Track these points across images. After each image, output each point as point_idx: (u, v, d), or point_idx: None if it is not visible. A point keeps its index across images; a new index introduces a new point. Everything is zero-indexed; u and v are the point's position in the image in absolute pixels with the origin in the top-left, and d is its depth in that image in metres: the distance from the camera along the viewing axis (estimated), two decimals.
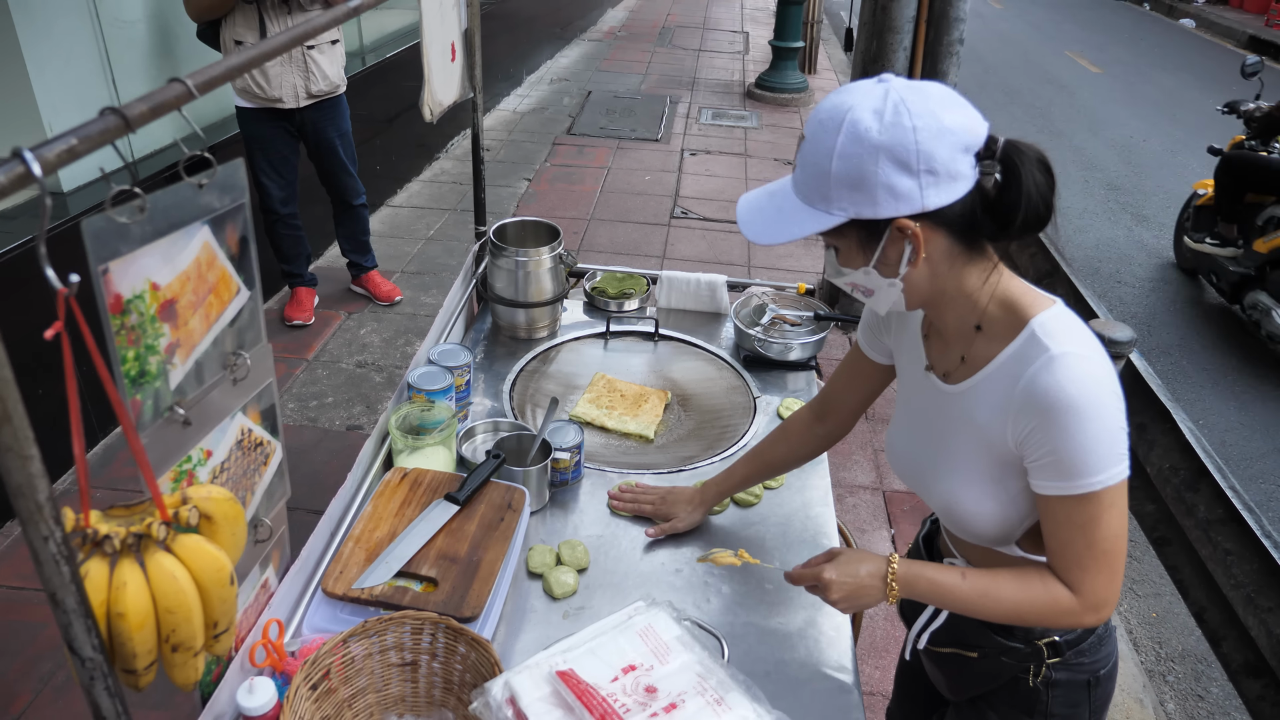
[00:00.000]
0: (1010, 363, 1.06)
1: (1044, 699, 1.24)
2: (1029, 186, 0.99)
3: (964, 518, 1.17)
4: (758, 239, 1.08)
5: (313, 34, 1.12)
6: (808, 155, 1.03)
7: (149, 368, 0.85)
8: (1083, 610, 1.08)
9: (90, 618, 0.75)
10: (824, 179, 1.01)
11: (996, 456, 1.10)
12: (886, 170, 0.97)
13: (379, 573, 1.29)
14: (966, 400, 1.13)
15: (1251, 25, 11.93)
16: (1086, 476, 1.01)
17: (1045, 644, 1.21)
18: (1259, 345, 4.43)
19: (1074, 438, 1.00)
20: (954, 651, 1.30)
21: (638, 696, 1.02)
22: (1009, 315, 1.07)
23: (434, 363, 1.74)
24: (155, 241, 0.84)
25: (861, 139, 0.97)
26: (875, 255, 1.05)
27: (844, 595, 1.18)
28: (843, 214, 1.01)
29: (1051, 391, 1.00)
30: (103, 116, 0.78)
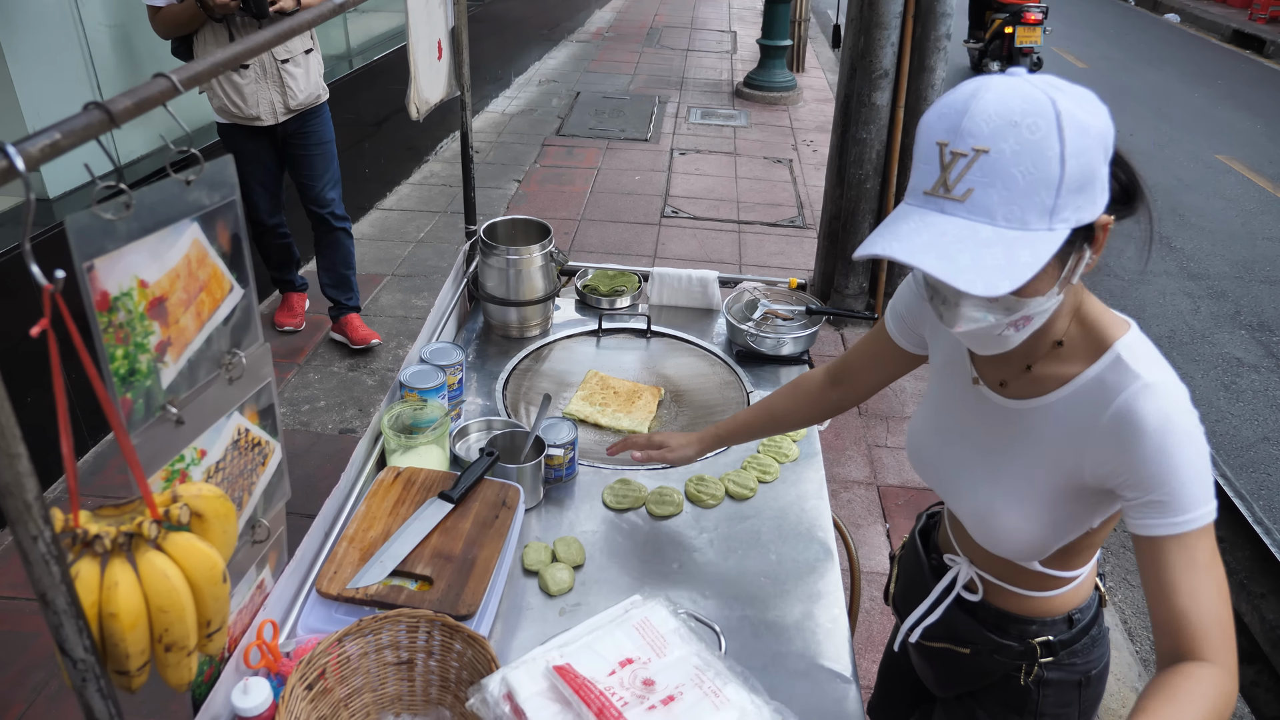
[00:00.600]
0: (1092, 387, 0.98)
1: (1035, 698, 1.23)
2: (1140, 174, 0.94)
3: (996, 531, 1.12)
4: (989, 291, 0.82)
5: (300, 30, 1.11)
6: (1008, 169, 0.83)
7: (139, 366, 0.84)
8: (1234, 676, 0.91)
9: (81, 618, 0.74)
10: (1050, 188, 0.83)
11: (1059, 480, 1.04)
12: (1101, 161, 0.86)
13: (374, 572, 1.28)
14: (1032, 418, 1.05)
15: (1235, 19, 12.02)
16: (1201, 507, 0.92)
17: (1039, 643, 1.20)
18: (1247, 338, 4.47)
19: (1186, 467, 0.91)
20: (946, 647, 1.29)
21: (635, 690, 1.02)
22: (1089, 336, 1.00)
23: (426, 361, 1.73)
24: (142, 239, 0.84)
25: (1087, 130, 0.84)
26: (1067, 269, 0.92)
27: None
28: (1065, 225, 0.85)
29: (1156, 420, 0.92)
30: (87, 111, 0.77)
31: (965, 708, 1.32)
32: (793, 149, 6.63)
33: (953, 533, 1.30)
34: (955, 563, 1.28)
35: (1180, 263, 5.29)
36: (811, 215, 5.44)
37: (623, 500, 1.61)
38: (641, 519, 1.59)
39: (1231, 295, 4.92)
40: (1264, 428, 3.79)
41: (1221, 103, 8.69)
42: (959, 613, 1.26)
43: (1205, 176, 6.68)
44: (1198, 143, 7.43)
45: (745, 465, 1.72)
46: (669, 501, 1.61)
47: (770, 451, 1.76)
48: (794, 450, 1.77)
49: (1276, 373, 4.21)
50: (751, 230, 5.23)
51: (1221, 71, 10.07)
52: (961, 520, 1.20)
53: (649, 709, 0.99)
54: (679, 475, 1.69)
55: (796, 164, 6.32)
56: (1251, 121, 8.13)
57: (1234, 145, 7.42)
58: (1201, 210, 6.06)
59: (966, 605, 1.27)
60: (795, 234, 5.22)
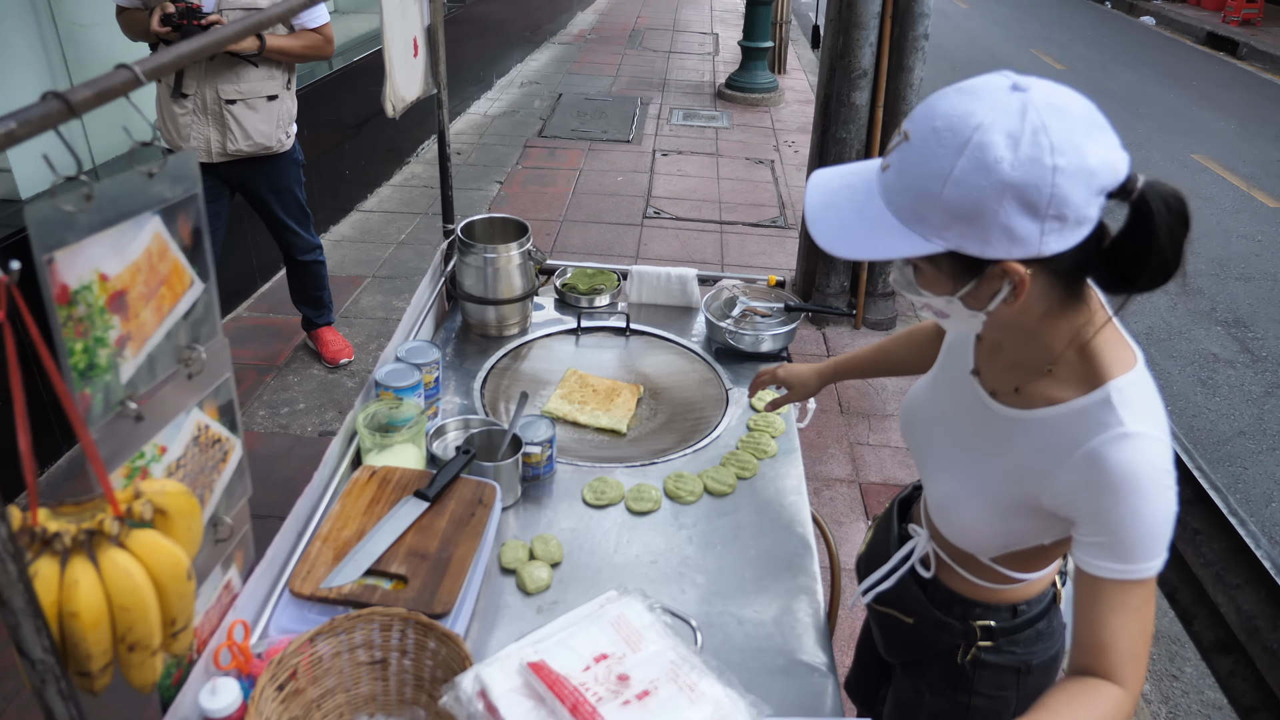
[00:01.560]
0: (1074, 419, 0.97)
1: (970, 677, 1.25)
2: (1161, 238, 0.86)
3: (954, 521, 1.16)
4: (833, 248, 0.91)
5: (267, 24, 1.10)
6: (912, 167, 0.87)
7: (98, 360, 0.82)
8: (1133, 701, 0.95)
9: (40, 618, 0.73)
10: (929, 202, 0.85)
11: (1018, 496, 1.05)
12: (1009, 211, 0.82)
13: (347, 571, 1.27)
14: (1011, 431, 1.05)
15: (1209, 22, 12.17)
16: (1147, 560, 0.93)
17: (979, 626, 1.22)
18: (1222, 334, 4.52)
19: (1140, 522, 0.91)
20: (892, 613, 1.33)
21: (610, 685, 1.01)
22: (1086, 367, 0.98)
23: (402, 360, 1.72)
24: (103, 231, 0.82)
25: (989, 170, 0.82)
26: (966, 289, 0.92)
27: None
28: (942, 244, 0.87)
29: (1122, 472, 0.91)
30: (44, 101, 0.76)
31: (911, 679, 1.36)
32: (774, 150, 6.65)
33: (925, 515, 1.32)
34: (917, 535, 1.31)
35: None
36: (793, 215, 5.46)
37: (601, 497, 1.60)
38: (620, 516, 1.58)
39: (1208, 292, 4.98)
40: (1239, 422, 3.84)
41: (1196, 103, 8.81)
42: (911, 584, 1.29)
43: (1181, 176, 6.76)
44: (1174, 143, 7.52)
45: (724, 462, 1.72)
46: (647, 498, 1.60)
47: (749, 448, 1.76)
48: (773, 446, 1.77)
49: (1252, 368, 4.26)
50: (734, 230, 5.24)
51: (1196, 73, 10.20)
52: (927, 501, 1.24)
53: (624, 704, 0.98)
54: (658, 473, 1.69)
55: (778, 164, 6.33)
56: (1226, 122, 8.24)
57: (1209, 145, 7.51)
58: None
59: (919, 579, 1.29)
60: (777, 234, 5.23)
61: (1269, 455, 3.62)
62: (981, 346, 1.14)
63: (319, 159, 4.77)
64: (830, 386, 3.73)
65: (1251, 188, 6.60)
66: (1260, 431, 3.78)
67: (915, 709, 1.35)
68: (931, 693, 1.31)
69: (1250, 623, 1.96)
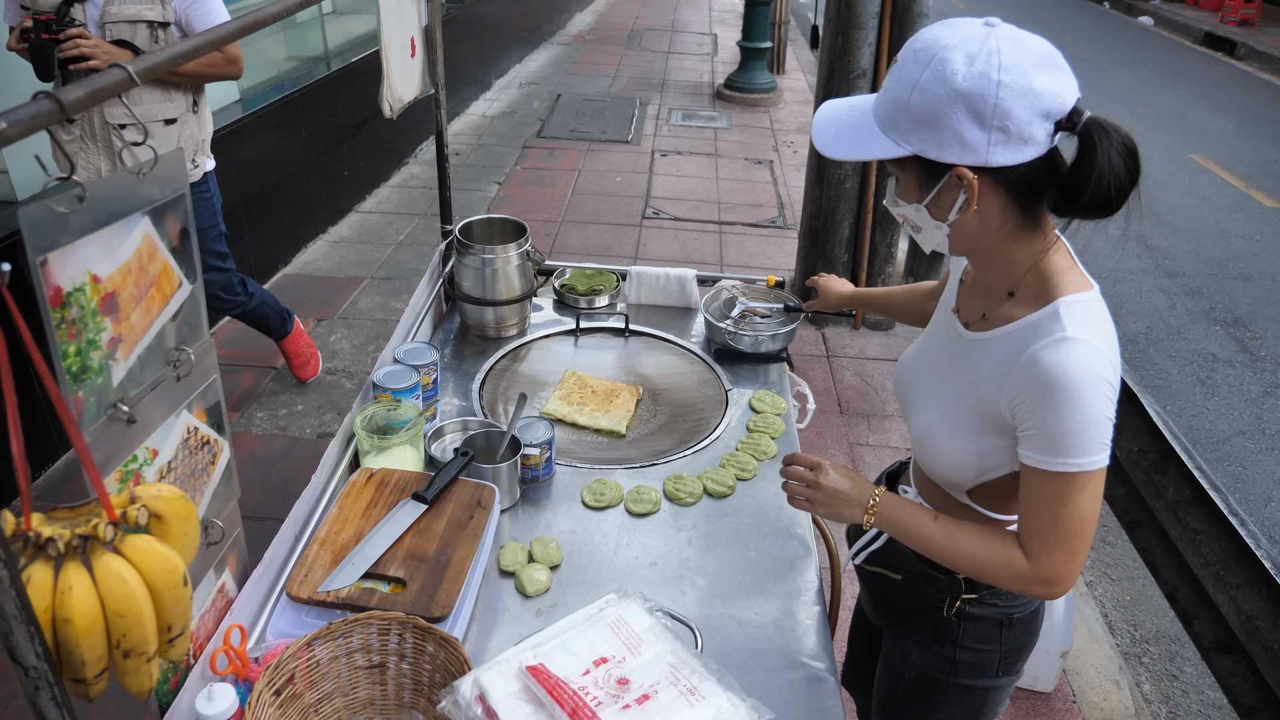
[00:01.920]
0: (1025, 330, 1.08)
1: (955, 629, 1.30)
2: (1102, 166, 0.97)
3: (932, 451, 1.23)
4: (826, 150, 1.09)
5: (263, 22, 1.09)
6: (893, 81, 1.03)
7: (91, 363, 0.82)
8: (1033, 579, 1.09)
9: (33, 624, 0.72)
10: (900, 108, 1.02)
11: (982, 411, 1.13)
12: (960, 117, 0.97)
13: (345, 574, 1.26)
14: (975, 351, 1.16)
15: (1207, 22, 12.18)
16: (1066, 456, 1.03)
17: (963, 578, 1.27)
18: (1221, 334, 4.52)
19: (1063, 418, 1.01)
20: (881, 572, 1.38)
21: (610, 689, 1.00)
22: (1042, 287, 1.09)
23: (400, 361, 1.71)
24: (95, 232, 0.82)
25: (946, 79, 0.97)
26: (930, 195, 1.06)
27: (827, 500, 1.22)
28: (908, 147, 1.02)
29: (1052, 370, 1.02)
30: (36, 101, 0.75)
31: (899, 640, 1.40)
32: (773, 150, 6.65)
33: (914, 463, 1.38)
34: (905, 492, 1.38)
35: (1156, 260, 5.34)
36: (792, 216, 5.45)
37: (601, 499, 1.60)
38: (620, 518, 1.58)
39: (1206, 292, 4.97)
40: (1239, 422, 3.83)
41: (1194, 103, 8.80)
42: (900, 544, 1.33)
43: (1179, 176, 6.76)
44: (1172, 142, 7.51)
45: (724, 463, 1.71)
46: (647, 500, 1.60)
47: (749, 449, 1.75)
48: (773, 448, 1.77)
49: (1250, 368, 4.26)
50: (733, 231, 5.23)
51: (1194, 73, 10.20)
52: (911, 441, 1.30)
53: (623, 708, 0.98)
54: (657, 474, 1.68)
55: (777, 165, 6.33)
56: (1224, 122, 8.24)
57: (1207, 145, 7.51)
58: (1176, 209, 6.13)
59: None
60: (776, 234, 5.22)
61: (1268, 455, 3.62)
62: (963, 287, 1.25)
63: (317, 160, 4.77)
64: (830, 388, 3.73)
65: (1250, 187, 6.60)
66: (1259, 431, 3.77)
67: (903, 667, 1.39)
68: (919, 649, 1.36)
69: (1251, 622, 1.95)
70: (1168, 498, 2.25)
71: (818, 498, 1.23)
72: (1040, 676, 2.41)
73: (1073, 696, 2.44)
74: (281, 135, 4.44)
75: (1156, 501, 2.31)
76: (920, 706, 1.38)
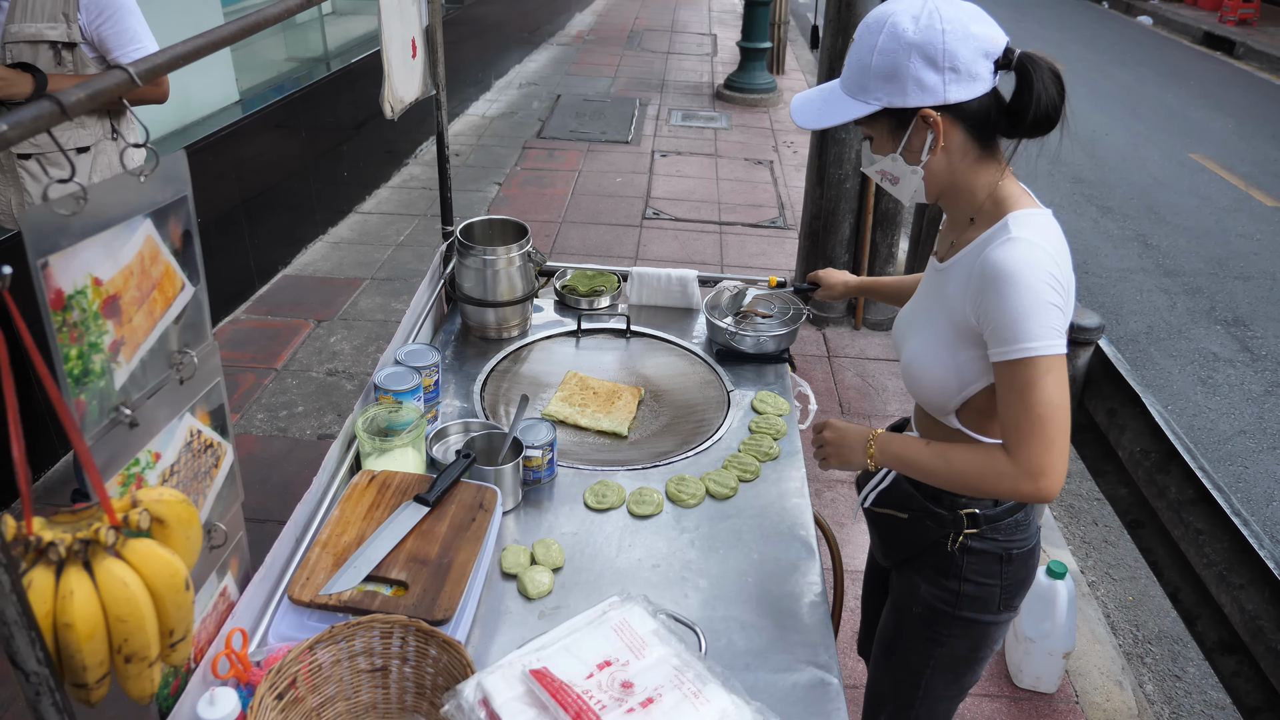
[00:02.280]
0: (981, 243, 1.21)
1: (959, 564, 1.39)
2: (1039, 91, 1.14)
3: (918, 375, 1.34)
4: (804, 123, 1.26)
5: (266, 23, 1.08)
6: (853, 53, 1.20)
7: (92, 366, 0.81)
8: (1019, 475, 1.17)
9: (34, 629, 0.72)
10: (865, 72, 1.18)
11: (954, 326, 1.25)
12: (917, 65, 1.14)
13: (347, 577, 1.25)
14: (945, 276, 1.29)
15: (1206, 22, 12.18)
16: (1020, 341, 1.14)
17: (965, 514, 1.36)
18: (1222, 333, 4.51)
19: (1010, 305, 1.13)
20: (889, 513, 1.47)
21: (614, 692, 1.00)
22: (996, 209, 1.22)
23: (401, 363, 1.70)
24: (97, 235, 0.81)
25: (899, 37, 1.14)
26: (902, 142, 1.21)
27: (834, 450, 1.38)
28: (877, 103, 1.18)
29: (996, 265, 1.15)
30: (36, 103, 0.74)
31: (906, 578, 1.48)
32: (773, 150, 6.64)
33: (914, 413, 1.49)
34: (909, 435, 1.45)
35: (1156, 259, 5.34)
36: (793, 216, 5.45)
37: (603, 501, 1.59)
38: (622, 519, 1.57)
39: (1207, 291, 4.97)
40: (1240, 421, 3.83)
41: (1194, 103, 8.81)
42: (904, 483, 1.44)
43: (1179, 175, 6.75)
44: (1171, 142, 7.51)
45: (726, 464, 1.71)
46: (649, 502, 1.59)
47: (751, 450, 1.75)
48: (775, 449, 1.76)
49: (1251, 367, 4.26)
50: (733, 231, 5.23)
51: (1193, 72, 10.20)
52: (902, 376, 1.41)
53: (628, 712, 0.97)
54: (659, 476, 1.68)
55: (777, 165, 6.33)
56: (1223, 121, 8.24)
57: (1207, 144, 7.51)
58: (1176, 208, 6.13)
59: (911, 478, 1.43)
60: (776, 235, 5.22)
61: (1269, 454, 3.62)
62: (940, 234, 1.39)
63: (317, 161, 4.76)
64: (831, 388, 3.72)
65: (1250, 187, 6.60)
66: (1260, 430, 3.77)
67: (911, 601, 1.47)
68: (926, 583, 1.44)
69: (1254, 623, 1.94)
70: (1170, 498, 2.24)
71: (827, 450, 1.39)
72: (1043, 677, 2.40)
73: (1076, 697, 2.44)
74: (281, 136, 4.44)
75: (1159, 502, 2.30)
76: (925, 640, 1.46)
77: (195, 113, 4.00)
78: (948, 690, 1.51)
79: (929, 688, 1.50)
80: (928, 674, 1.49)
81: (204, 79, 4.03)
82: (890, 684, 1.56)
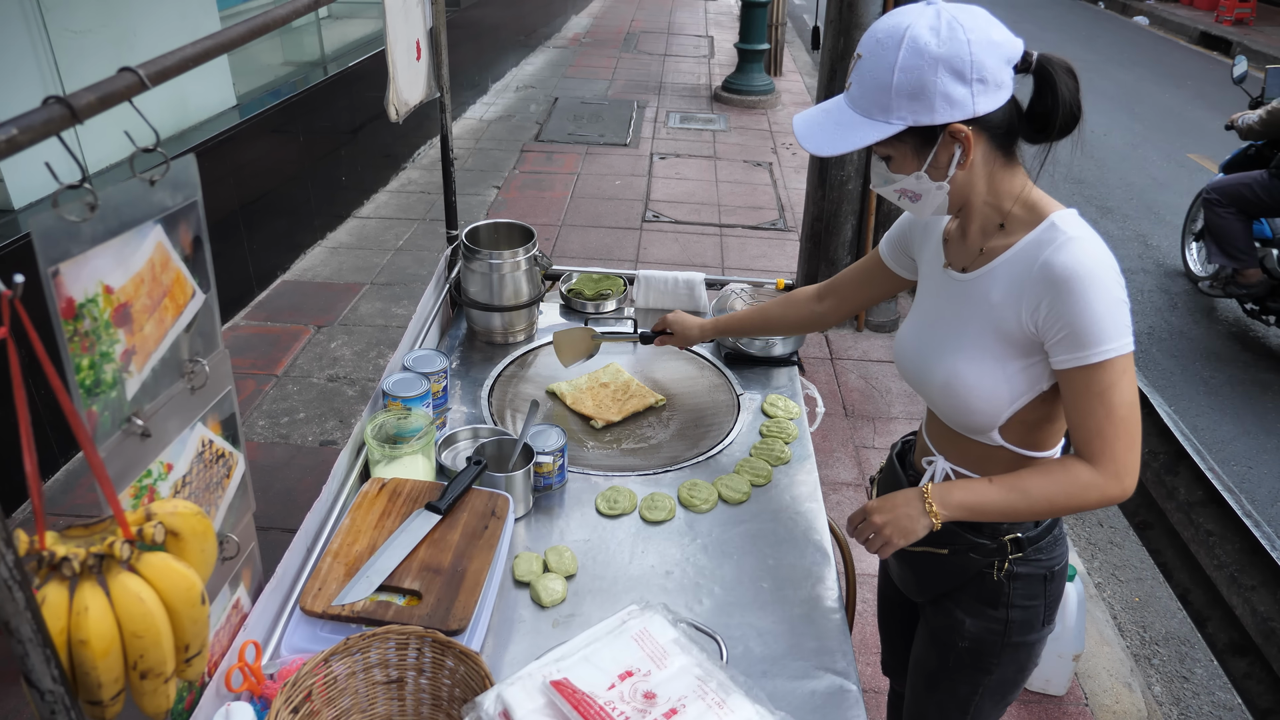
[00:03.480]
0: (1029, 247, 1.16)
1: (1007, 591, 1.34)
2: (1062, 91, 1.11)
3: (961, 394, 1.25)
4: (820, 151, 1.16)
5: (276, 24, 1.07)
6: (866, 72, 1.12)
7: (104, 376, 0.79)
8: (1107, 480, 1.14)
9: (49, 646, 0.70)
10: (884, 92, 1.10)
11: (1004, 334, 1.20)
12: (944, 79, 1.08)
13: (360, 588, 1.23)
14: (982, 284, 1.23)
15: (1202, 21, 12.21)
16: (1100, 344, 1.10)
17: (1009, 540, 1.31)
18: (1224, 333, 4.51)
19: (1089, 308, 1.09)
20: (926, 550, 1.37)
21: (636, 703, 0.98)
22: (1030, 213, 1.19)
23: (409, 369, 1.69)
24: (107, 242, 0.79)
25: (922, 52, 1.08)
26: (928, 160, 1.15)
27: (892, 527, 1.24)
28: (901, 123, 1.11)
29: (1066, 267, 1.10)
30: (46, 106, 0.73)
31: (944, 610, 1.41)
32: (772, 152, 6.64)
33: (929, 435, 1.41)
34: (933, 463, 1.38)
35: (1157, 260, 5.34)
36: (793, 218, 5.44)
37: (614, 507, 1.57)
38: (634, 525, 1.55)
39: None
40: (1243, 422, 3.82)
41: (1191, 103, 8.82)
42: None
43: (1178, 175, 6.76)
44: (1169, 142, 7.52)
45: (738, 469, 1.69)
46: (661, 507, 1.57)
47: (763, 454, 1.73)
48: (787, 452, 1.75)
49: (1254, 367, 4.25)
50: (733, 234, 5.22)
51: (1190, 72, 10.22)
52: (933, 400, 1.33)
53: None
54: (671, 481, 1.66)
55: (776, 167, 6.32)
56: (1220, 121, 8.24)
57: (1204, 144, 7.51)
58: (1176, 208, 6.12)
59: None
60: (777, 236, 5.21)
61: (1274, 456, 3.61)
62: (948, 245, 1.32)
63: (315, 166, 4.74)
64: (835, 390, 3.71)
65: None
66: (1264, 431, 3.77)
67: (955, 637, 1.40)
68: (971, 616, 1.37)
69: (1266, 624, 1.93)
70: (1179, 499, 2.23)
71: (884, 533, 1.25)
72: (1053, 680, 2.39)
73: (1085, 699, 2.42)
74: (279, 141, 4.42)
75: (1168, 503, 2.29)
76: (974, 671, 1.41)
77: (193, 118, 3.98)
78: (995, 710, 1.47)
79: (978, 712, 1.45)
80: (977, 700, 1.44)
81: (201, 84, 4.01)
82: (936, 713, 1.50)
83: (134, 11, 3.46)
